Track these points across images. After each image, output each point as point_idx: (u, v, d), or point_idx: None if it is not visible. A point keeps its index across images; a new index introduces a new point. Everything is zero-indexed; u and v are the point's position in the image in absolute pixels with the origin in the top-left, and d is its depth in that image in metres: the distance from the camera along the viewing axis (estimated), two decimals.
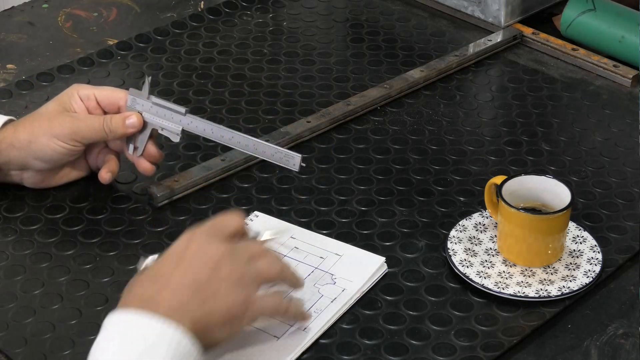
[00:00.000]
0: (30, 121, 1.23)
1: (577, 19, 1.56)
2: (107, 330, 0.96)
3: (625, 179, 1.32)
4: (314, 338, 1.08)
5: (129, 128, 1.24)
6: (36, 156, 1.23)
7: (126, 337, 0.95)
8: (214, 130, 1.24)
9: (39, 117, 1.24)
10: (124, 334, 0.95)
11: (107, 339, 0.96)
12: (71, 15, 1.65)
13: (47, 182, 1.27)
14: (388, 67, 1.53)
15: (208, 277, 1.00)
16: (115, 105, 1.25)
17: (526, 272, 1.17)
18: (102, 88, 1.26)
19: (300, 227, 1.22)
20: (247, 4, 1.67)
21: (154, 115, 1.25)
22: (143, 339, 0.94)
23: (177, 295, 0.98)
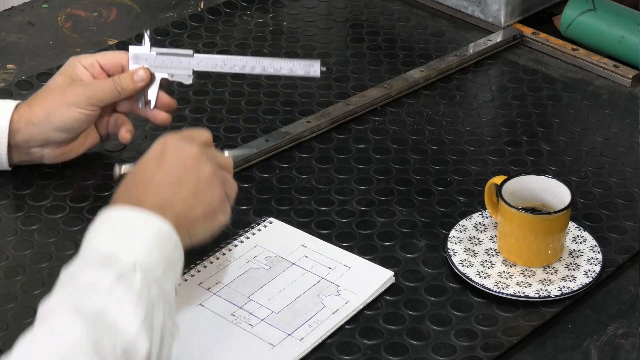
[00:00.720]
0: (42, 97, 1.26)
1: (577, 19, 1.56)
2: (94, 224, 1.02)
3: (625, 179, 1.32)
4: (311, 347, 1.08)
5: (139, 82, 1.27)
6: (57, 128, 1.26)
7: (114, 225, 1.01)
8: (226, 62, 1.27)
9: (50, 91, 1.27)
10: (111, 223, 1.01)
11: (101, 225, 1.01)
12: (71, 15, 1.65)
13: (67, 155, 1.30)
14: (388, 67, 1.53)
15: (187, 175, 1.07)
16: (118, 66, 1.29)
17: (526, 272, 1.17)
18: (102, 53, 1.30)
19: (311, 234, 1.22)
20: (247, 4, 1.67)
21: (161, 65, 1.28)
22: (127, 224, 1.01)
23: (160, 193, 1.05)
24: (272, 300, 1.13)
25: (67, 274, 0.98)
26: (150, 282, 0.97)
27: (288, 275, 1.16)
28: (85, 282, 0.96)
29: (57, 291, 0.97)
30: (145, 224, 1.01)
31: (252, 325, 1.10)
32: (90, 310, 0.93)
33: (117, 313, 0.94)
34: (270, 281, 1.15)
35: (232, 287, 1.14)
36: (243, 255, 1.18)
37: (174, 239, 1.02)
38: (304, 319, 1.11)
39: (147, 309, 0.96)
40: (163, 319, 0.98)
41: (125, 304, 0.95)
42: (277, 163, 1.34)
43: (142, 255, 0.98)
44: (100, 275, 0.96)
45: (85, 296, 0.95)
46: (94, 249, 0.99)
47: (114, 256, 0.98)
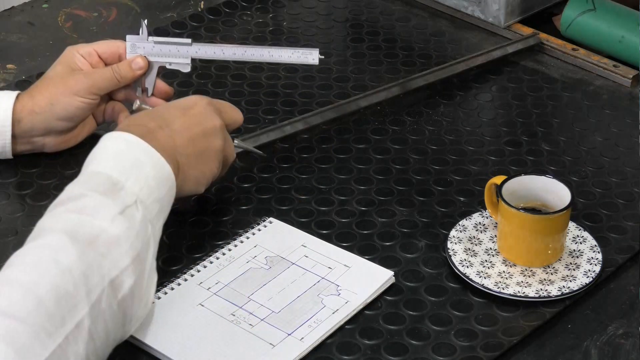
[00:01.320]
0: (44, 86, 1.28)
1: (577, 19, 1.56)
2: (107, 143, 1.08)
3: (625, 179, 1.32)
4: (310, 348, 1.08)
5: (137, 71, 1.30)
6: (59, 117, 1.28)
7: (122, 152, 1.06)
8: (225, 50, 1.29)
9: (52, 81, 1.28)
10: (120, 149, 1.07)
11: (105, 150, 1.07)
12: (71, 15, 1.65)
13: (67, 143, 1.32)
14: (388, 67, 1.53)
15: (202, 138, 1.15)
16: (115, 54, 1.31)
17: (526, 272, 1.17)
18: (99, 42, 1.32)
19: (311, 234, 1.22)
20: (247, 4, 1.67)
21: (158, 54, 1.30)
22: (135, 156, 1.06)
23: (172, 138, 1.12)
24: (272, 300, 1.13)
25: (71, 192, 1.01)
26: (147, 221, 1.02)
27: (288, 275, 1.16)
28: (89, 205, 0.99)
29: (58, 208, 1.00)
30: (151, 159, 1.07)
31: (252, 325, 1.10)
32: (87, 236, 0.97)
33: (112, 244, 0.98)
34: (270, 281, 1.15)
35: (232, 287, 1.14)
36: (243, 255, 1.18)
37: (171, 181, 1.08)
38: (304, 319, 1.11)
39: (142, 246, 1.00)
40: (152, 258, 1.02)
41: (123, 237, 0.99)
42: (277, 163, 1.34)
43: (144, 192, 1.04)
44: (105, 202, 1.00)
45: (86, 220, 0.98)
46: (101, 172, 1.03)
47: (120, 185, 1.02)
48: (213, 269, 1.17)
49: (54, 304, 0.92)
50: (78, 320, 0.94)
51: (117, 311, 0.98)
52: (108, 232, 0.99)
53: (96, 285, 0.96)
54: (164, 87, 1.33)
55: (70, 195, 1.02)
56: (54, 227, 0.98)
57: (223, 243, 1.20)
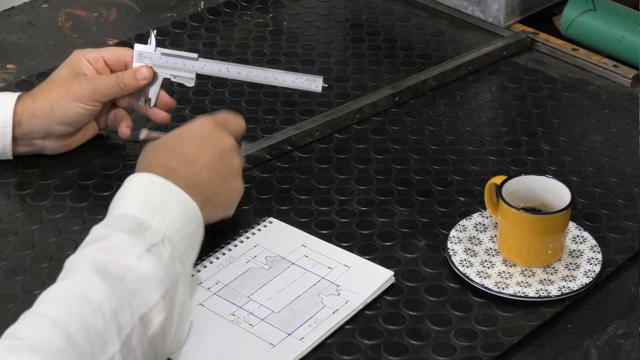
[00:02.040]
0: (46, 89, 1.28)
1: (577, 19, 1.56)
2: (131, 184, 1.08)
3: (625, 179, 1.32)
4: (310, 347, 1.08)
5: (141, 80, 1.29)
6: (60, 121, 1.28)
7: (147, 194, 1.06)
8: (230, 69, 1.28)
9: (54, 84, 1.28)
10: (145, 191, 1.07)
11: (130, 192, 1.07)
12: (71, 15, 1.65)
13: (67, 146, 1.32)
14: (388, 67, 1.53)
15: (223, 163, 1.15)
16: (122, 62, 1.31)
17: (526, 272, 1.17)
18: (106, 49, 1.32)
19: (311, 234, 1.22)
20: (247, 4, 1.67)
21: (164, 65, 1.29)
22: (160, 196, 1.06)
23: (196, 174, 1.12)
24: (272, 300, 1.13)
25: (98, 233, 1.02)
26: (175, 258, 1.02)
27: (288, 275, 1.16)
28: (116, 244, 0.99)
29: (86, 248, 1.00)
30: (176, 198, 1.07)
31: (252, 325, 1.10)
32: (115, 273, 0.97)
33: (141, 281, 0.98)
34: (271, 281, 1.15)
35: (232, 287, 1.14)
36: (243, 255, 1.18)
37: (198, 217, 1.08)
38: (304, 319, 1.11)
39: (171, 283, 1.00)
40: (183, 295, 1.02)
41: (151, 273, 0.99)
42: (277, 163, 1.34)
43: (171, 230, 1.03)
44: (132, 241, 1.00)
45: (113, 258, 0.98)
46: (127, 214, 1.04)
47: (146, 224, 1.02)
48: (213, 269, 1.17)
49: (85, 341, 0.92)
50: (109, 357, 0.94)
51: (148, 348, 0.98)
52: (136, 270, 0.99)
53: (127, 322, 0.95)
54: (167, 99, 1.32)
55: (96, 236, 1.02)
56: (82, 266, 0.98)
57: (223, 243, 1.20)
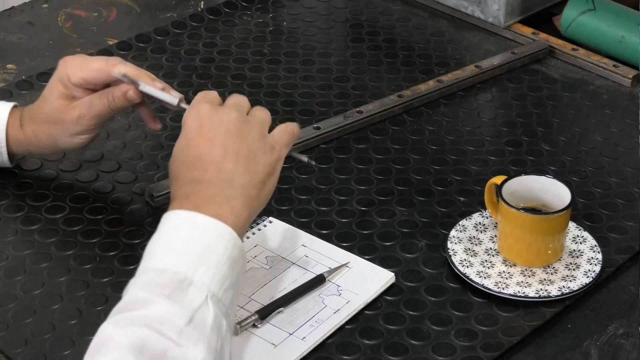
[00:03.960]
0: (44, 123, 1.23)
1: (577, 19, 1.56)
2: (165, 230, 0.98)
3: (625, 179, 1.32)
4: (312, 347, 1.08)
5: (130, 101, 1.20)
6: (62, 149, 1.27)
7: (189, 239, 0.96)
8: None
9: (51, 118, 1.22)
10: (186, 236, 0.97)
11: (168, 238, 0.97)
12: (71, 15, 1.65)
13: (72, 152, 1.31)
14: (388, 67, 1.53)
15: (262, 165, 1.05)
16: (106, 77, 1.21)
17: (526, 272, 1.17)
18: (91, 66, 1.21)
19: (311, 234, 1.22)
20: (247, 4, 1.67)
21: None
22: (203, 241, 0.96)
23: (238, 200, 1.01)
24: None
25: (136, 297, 0.92)
26: (221, 317, 0.94)
27: (289, 275, 1.16)
28: (155, 315, 0.91)
29: (121, 314, 0.92)
30: (223, 239, 0.97)
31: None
32: (153, 353, 0.89)
33: (182, 357, 0.89)
34: (271, 281, 1.15)
35: None
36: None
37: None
38: (305, 319, 1.11)
39: (216, 349, 0.92)
40: (230, 354, 0.94)
41: (191, 351, 0.90)
42: None
43: (216, 283, 0.94)
44: (172, 311, 0.91)
45: (152, 335, 0.89)
46: (167, 269, 0.94)
47: (188, 280, 0.93)
48: None
49: None
50: None
51: None
52: (176, 348, 0.89)
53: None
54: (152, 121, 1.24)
55: (134, 300, 0.92)
56: (118, 343, 0.89)
57: None
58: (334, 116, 1.41)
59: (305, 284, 1.14)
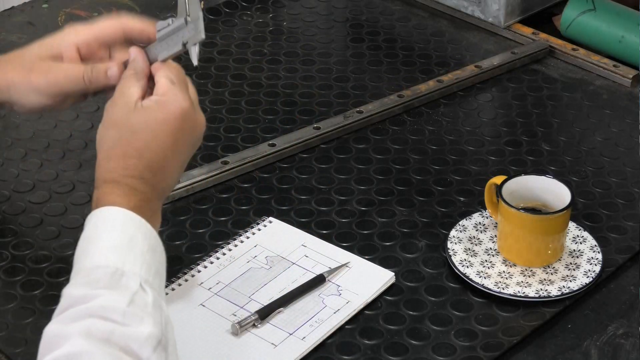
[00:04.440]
0: (10, 61, 1.14)
1: (577, 19, 1.56)
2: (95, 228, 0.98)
3: (625, 179, 1.32)
4: (312, 347, 1.08)
5: (111, 79, 1.10)
6: (18, 104, 1.13)
7: (113, 234, 0.97)
8: None
9: (21, 61, 1.13)
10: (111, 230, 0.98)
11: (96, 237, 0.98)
12: (71, 15, 1.65)
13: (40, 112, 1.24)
14: (388, 67, 1.53)
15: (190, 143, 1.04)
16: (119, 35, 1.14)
17: (526, 272, 1.17)
18: (101, 23, 1.15)
19: (311, 234, 1.22)
20: (247, 4, 1.67)
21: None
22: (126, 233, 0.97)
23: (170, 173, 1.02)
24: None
25: (74, 295, 0.93)
26: (159, 299, 0.95)
27: (289, 274, 1.16)
28: (96, 305, 0.92)
29: (62, 315, 0.93)
30: (140, 230, 0.98)
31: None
32: (102, 334, 0.90)
33: (128, 339, 0.91)
34: (271, 281, 1.15)
35: (233, 287, 1.14)
36: (243, 255, 1.18)
37: (160, 246, 1.00)
38: (305, 319, 1.11)
39: (161, 330, 0.93)
40: (173, 336, 0.95)
41: (137, 331, 0.91)
42: (277, 163, 1.34)
43: (145, 270, 0.96)
44: (112, 298, 0.92)
45: (97, 320, 0.91)
46: (99, 265, 0.95)
47: (120, 271, 0.94)
48: (213, 269, 1.17)
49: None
50: None
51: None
52: (121, 328, 0.91)
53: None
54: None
55: (73, 299, 0.93)
56: (66, 334, 0.90)
57: (223, 243, 1.20)
58: (334, 116, 1.41)
59: (305, 284, 1.14)
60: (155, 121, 1.02)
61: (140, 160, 1.01)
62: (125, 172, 1.01)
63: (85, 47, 1.13)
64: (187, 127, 1.03)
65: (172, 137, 1.02)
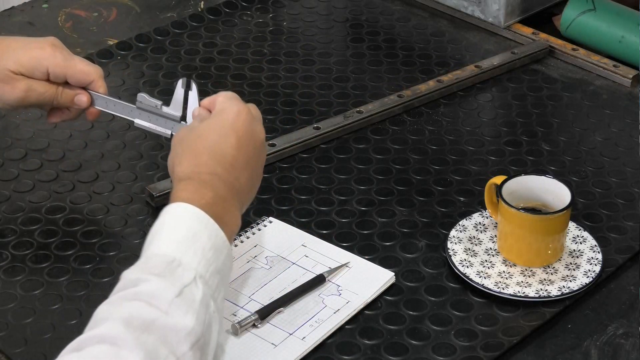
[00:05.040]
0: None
1: (577, 19, 1.56)
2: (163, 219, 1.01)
3: (625, 179, 1.32)
4: (312, 347, 1.08)
5: (76, 104, 1.20)
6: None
7: (176, 227, 1.00)
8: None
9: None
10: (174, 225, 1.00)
11: (160, 227, 1.00)
12: (71, 15, 1.65)
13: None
14: (388, 67, 1.53)
15: (258, 161, 1.10)
16: (84, 81, 1.20)
17: (526, 272, 1.17)
18: (74, 65, 1.19)
19: (311, 234, 1.22)
20: (247, 4, 1.67)
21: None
22: (190, 228, 0.99)
23: (238, 178, 1.06)
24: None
25: (127, 278, 0.96)
26: (209, 297, 0.96)
27: (289, 274, 1.16)
28: (145, 290, 0.94)
29: (114, 297, 0.95)
30: (206, 229, 1.00)
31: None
32: (143, 321, 0.91)
33: (169, 331, 0.92)
34: (271, 281, 1.15)
35: (233, 287, 1.14)
36: (243, 255, 1.18)
37: (227, 248, 1.01)
38: (305, 319, 1.11)
39: (203, 329, 0.94)
40: (217, 338, 0.97)
41: (180, 324, 0.93)
42: (277, 163, 1.34)
43: (203, 266, 0.98)
44: (163, 286, 0.94)
45: (142, 305, 0.93)
46: (158, 253, 0.98)
47: (177, 262, 0.96)
48: None
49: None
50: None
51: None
52: (164, 318, 0.92)
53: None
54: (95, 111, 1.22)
55: (126, 282, 0.96)
56: (109, 316, 0.93)
57: None
58: (334, 116, 1.41)
59: (305, 283, 1.14)
60: (217, 124, 1.08)
61: (211, 157, 1.05)
62: (198, 169, 1.04)
63: (53, 77, 1.18)
64: (246, 128, 1.08)
65: (235, 136, 1.06)
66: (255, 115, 1.11)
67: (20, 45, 1.19)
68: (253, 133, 1.08)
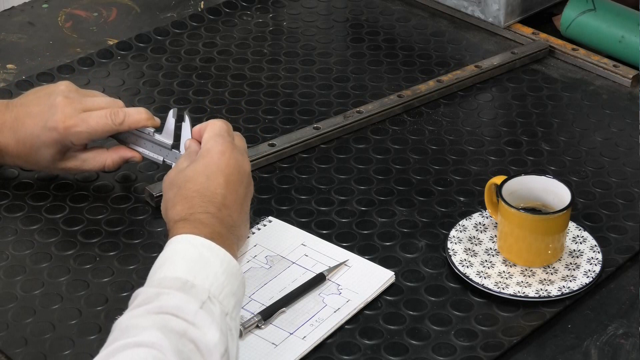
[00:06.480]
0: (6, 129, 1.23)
1: (577, 19, 1.56)
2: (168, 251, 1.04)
3: (625, 179, 1.32)
4: (312, 346, 1.08)
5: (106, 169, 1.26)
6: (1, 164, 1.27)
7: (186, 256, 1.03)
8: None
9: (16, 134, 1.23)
10: (183, 254, 1.03)
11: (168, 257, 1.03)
12: (71, 15, 1.65)
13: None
14: (388, 67, 1.53)
15: (246, 195, 1.14)
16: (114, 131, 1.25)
17: (526, 272, 1.17)
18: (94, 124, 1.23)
19: (312, 234, 1.22)
20: (247, 4, 1.67)
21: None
22: (200, 255, 1.03)
23: (231, 215, 1.10)
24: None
25: (146, 294, 0.98)
26: (224, 314, 0.99)
27: (289, 274, 1.16)
28: (169, 303, 0.96)
29: (136, 309, 0.96)
30: (217, 256, 1.03)
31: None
32: (177, 329, 0.94)
33: (200, 340, 0.95)
34: (271, 280, 1.15)
35: None
36: (243, 254, 1.18)
37: (241, 275, 1.04)
38: (306, 318, 1.11)
39: (227, 340, 0.97)
40: (236, 351, 0.99)
41: (209, 332, 0.96)
42: (277, 163, 1.34)
43: (215, 287, 1.00)
44: (185, 298, 0.97)
45: (171, 317, 0.95)
46: (169, 276, 1.00)
47: (190, 283, 0.99)
48: None
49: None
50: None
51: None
52: (194, 329, 0.95)
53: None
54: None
55: (146, 296, 0.98)
56: (142, 325, 0.94)
57: None
58: (334, 116, 1.41)
59: (306, 283, 1.14)
60: (204, 166, 1.12)
61: (202, 199, 1.09)
62: (192, 210, 1.08)
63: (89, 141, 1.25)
64: (233, 165, 1.12)
65: (222, 176, 1.11)
66: (240, 147, 1.15)
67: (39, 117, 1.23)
68: (239, 169, 1.13)
